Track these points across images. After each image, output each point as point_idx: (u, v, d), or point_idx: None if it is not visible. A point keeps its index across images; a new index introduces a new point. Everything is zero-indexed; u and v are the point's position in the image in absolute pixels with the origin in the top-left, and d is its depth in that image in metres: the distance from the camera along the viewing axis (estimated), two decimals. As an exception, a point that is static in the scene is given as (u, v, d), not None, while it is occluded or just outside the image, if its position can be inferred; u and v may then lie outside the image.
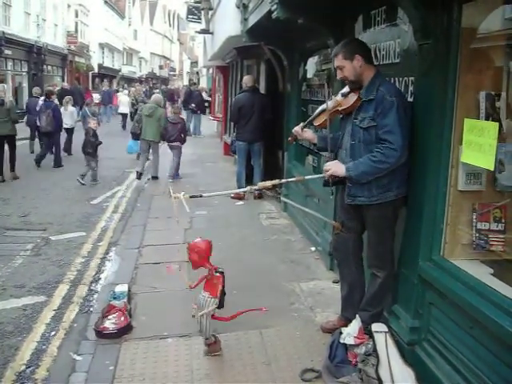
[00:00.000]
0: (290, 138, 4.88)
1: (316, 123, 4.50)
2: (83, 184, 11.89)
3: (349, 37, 5.23)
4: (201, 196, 4.59)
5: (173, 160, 12.47)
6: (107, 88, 33.36)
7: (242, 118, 10.27)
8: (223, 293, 4.31)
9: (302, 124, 4.70)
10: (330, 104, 4.29)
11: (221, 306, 4.32)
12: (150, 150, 12.74)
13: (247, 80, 10.73)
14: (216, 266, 4.30)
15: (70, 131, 16.25)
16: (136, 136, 13.02)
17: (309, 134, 4.68)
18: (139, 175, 12.42)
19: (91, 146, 12.17)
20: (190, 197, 4.25)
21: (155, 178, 12.53)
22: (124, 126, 24.38)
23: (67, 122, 15.68)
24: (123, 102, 25.59)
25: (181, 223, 8.26)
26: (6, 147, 12.60)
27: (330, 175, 4.17)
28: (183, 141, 12.59)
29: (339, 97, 4.27)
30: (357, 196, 4.17)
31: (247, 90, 10.43)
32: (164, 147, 13.12)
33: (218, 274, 4.28)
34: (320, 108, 4.48)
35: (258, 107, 10.21)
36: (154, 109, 12.39)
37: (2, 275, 6.33)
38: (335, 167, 4.15)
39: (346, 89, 4.25)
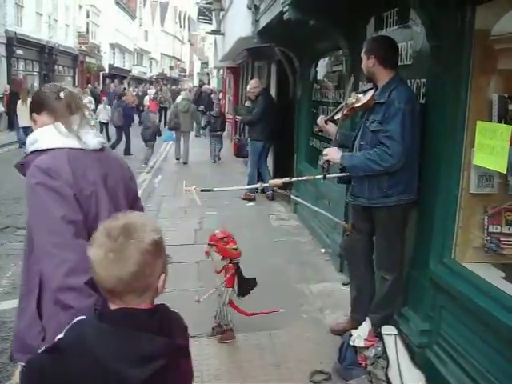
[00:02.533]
0: (316, 129, 5.03)
1: (337, 117, 4.53)
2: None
3: (361, 39, 5.24)
4: (212, 190, 4.67)
5: (215, 146, 15.58)
6: (114, 88, 33.55)
7: (263, 119, 10.31)
8: (242, 282, 4.47)
9: (324, 117, 4.77)
10: (349, 100, 4.31)
11: (241, 294, 4.51)
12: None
13: (257, 83, 10.80)
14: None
15: (106, 125, 19.21)
16: (173, 128, 15.42)
17: (331, 128, 4.69)
18: (178, 160, 15.34)
19: (152, 135, 14.93)
20: (201, 190, 4.36)
21: (185, 162, 15.05)
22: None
23: (104, 118, 18.85)
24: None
25: (191, 224, 8.27)
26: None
27: (326, 160, 4.29)
28: (223, 130, 16.09)
29: (360, 94, 4.29)
30: (358, 196, 4.19)
31: (263, 93, 10.48)
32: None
33: (230, 265, 4.42)
34: (343, 103, 4.51)
35: (274, 107, 10.39)
36: (188, 105, 15.17)
37: (12, 274, 6.36)
38: (332, 153, 4.26)
39: (365, 86, 4.27)
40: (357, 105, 4.24)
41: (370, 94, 4.17)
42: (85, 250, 1.67)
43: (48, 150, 2.23)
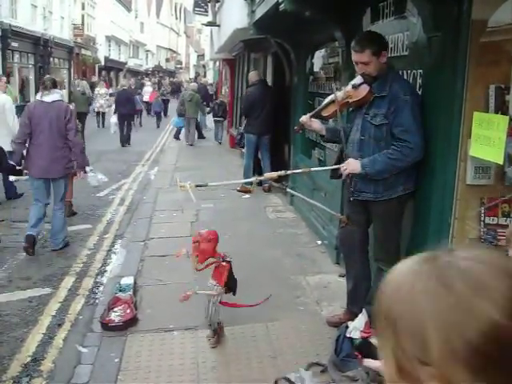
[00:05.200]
0: (296, 128, 4.86)
1: (324, 114, 4.44)
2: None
3: (357, 30, 5.22)
4: (206, 185, 4.61)
5: (218, 130, 18.78)
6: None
7: (253, 111, 10.25)
8: (233, 280, 4.40)
9: (309, 114, 4.65)
10: (339, 95, 4.24)
11: (232, 292, 4.44)
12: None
13: (253, 75, 10.75)
14: (223, 254, 4.36)
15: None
16: (180, 115, 18.39)
17: (316, 125, 4.61)
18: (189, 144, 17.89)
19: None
20: (196, 186, 4.31)
21: (191, 145, 17.88)
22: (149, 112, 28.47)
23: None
24: (147, 91, 29.13)
25: (187, 216, 8.27)
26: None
27: (348, 174, 4.16)
28: (225, 117, 18.84)
29: (349, 88, 4.19)
30: (363, 192, 4.15)
31: (256, 84, 10.41)
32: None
33: (224, 263, 4.32)
34: (329, 98, 4.41)
35: (268, 100, 10.24)
36: (192, 95, 17.95)
37: (8, 267, 6.34)
38: (352, 166, 4.09)
39: (357, 80, 4.17)
40: (351, 100, 4.19)
41: (365, 87, 4.10)
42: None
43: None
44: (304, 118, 4.59)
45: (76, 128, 6.80)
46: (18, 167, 6.96)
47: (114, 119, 18.03)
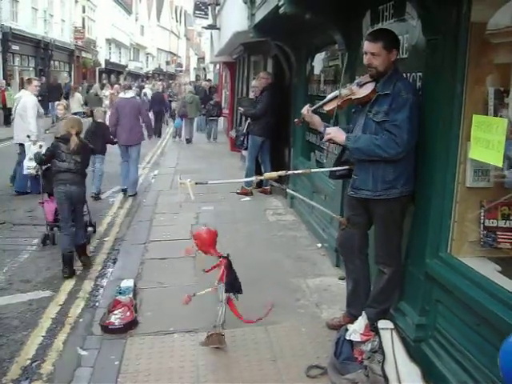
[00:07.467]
0: (296, 120, 4.85)
1: (327, 108, 4.44)
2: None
3: (357, 33, 5.24)
4: (206, 183, 4.62)
5: (212, 128, 20.28)
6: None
7: (267, 115, 10.16)
8: (234, 277, 4.41)
9: (310, 106, 4.64)
10: (343, 91, 4.25)
11: (237, 291, 4.45)
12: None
13: (265, 75, 10.57)
14: (220, 252, 4.41)
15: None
16: (182, 115, 19.86)
17: (316, 120, 4.60)
18: (187, 140, 19.68)
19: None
20: (196, 183, 4.31)
21: (190, 141, 19.60)
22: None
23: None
24: (147, 93, 29.40)
25: (187, 219, 8.27)
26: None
27: (329, 139, 4.26)
28: (219, 116, 20.57)
29: (354, 86, 4.22)
30: (361, 189, 4.14)
31: (270, 88, 10.30)
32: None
33: (220, 259, 4.38)
34: (333, 94, 4.43)
35: (277, 103, 10.21)
36: (193, 97, 20.00)
37: (8, 270, 6.34)
38: (335, 133, 4.21)
39: (362, 79, 4.20)
40: (354, 97, 4.19)
41: (369, 86, 4.12)
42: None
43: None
44: (305, 110, 4.59)
45: (147, 111, 12.03)
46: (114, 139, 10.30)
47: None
